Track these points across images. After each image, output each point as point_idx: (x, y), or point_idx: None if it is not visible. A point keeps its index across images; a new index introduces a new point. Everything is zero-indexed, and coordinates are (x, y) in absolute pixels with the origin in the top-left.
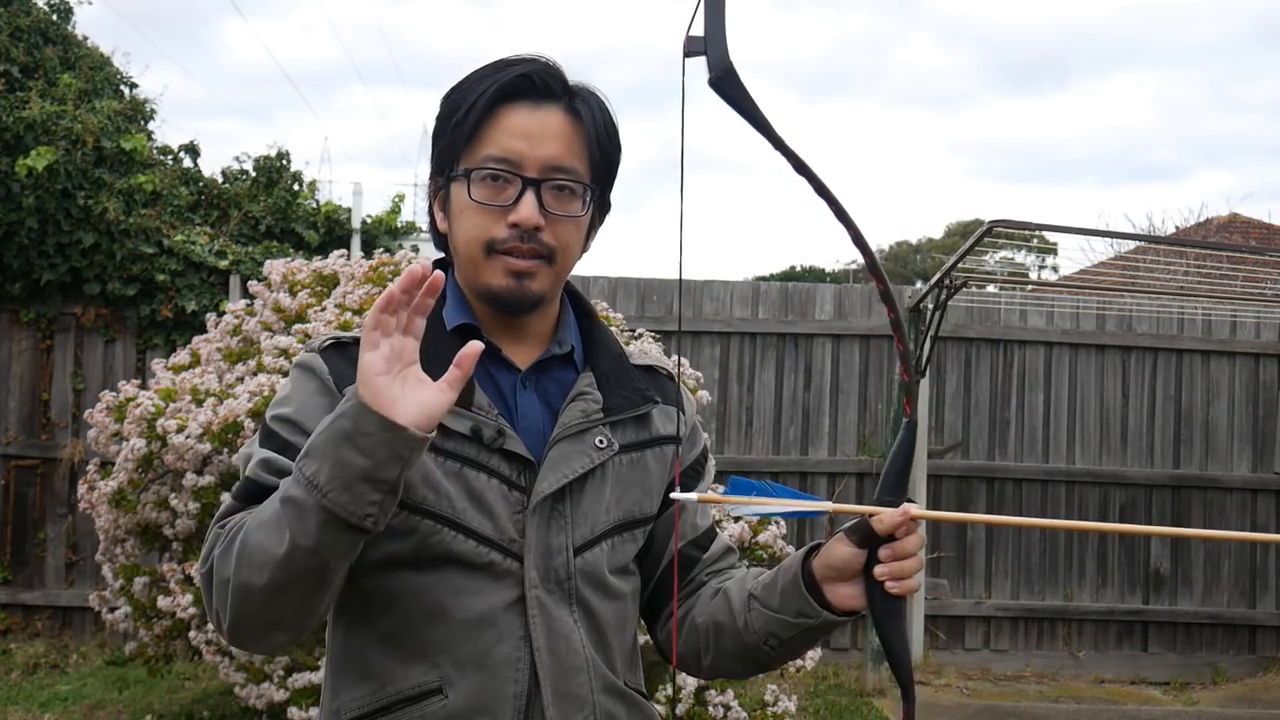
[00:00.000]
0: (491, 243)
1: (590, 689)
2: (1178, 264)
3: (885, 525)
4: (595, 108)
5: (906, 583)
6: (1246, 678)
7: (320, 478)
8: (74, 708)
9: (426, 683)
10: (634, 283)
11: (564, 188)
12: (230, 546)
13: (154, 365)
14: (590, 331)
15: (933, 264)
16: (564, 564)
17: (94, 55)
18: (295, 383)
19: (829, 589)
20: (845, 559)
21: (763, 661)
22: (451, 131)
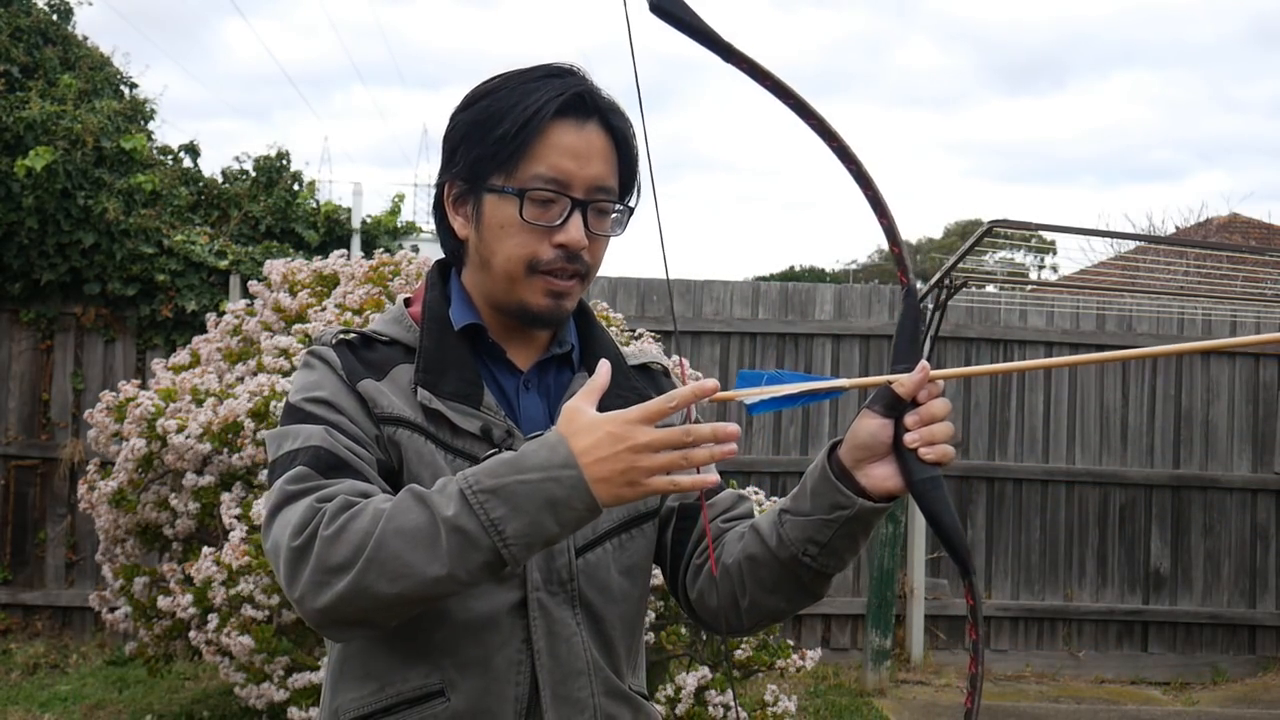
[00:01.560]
0: (536, 263)
1: (592, 692)
2: (1178, 264)
3: (908, 388)
4: (627, 125)
5: (940, 448)
6: (1246, 678)
7: (507, 527)
8: (74, 708)
9: (428, 684)
10: (634, 283)
11: (604, 209)
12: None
13: (154, 365)
14: (588, 331)
15: (933, 264)
16: (566, 565)
17: (94, 55)
18: (320, 372)
19: (861, 474)
20: (873, 431)
21: (804, 580)
22: (495, 143)
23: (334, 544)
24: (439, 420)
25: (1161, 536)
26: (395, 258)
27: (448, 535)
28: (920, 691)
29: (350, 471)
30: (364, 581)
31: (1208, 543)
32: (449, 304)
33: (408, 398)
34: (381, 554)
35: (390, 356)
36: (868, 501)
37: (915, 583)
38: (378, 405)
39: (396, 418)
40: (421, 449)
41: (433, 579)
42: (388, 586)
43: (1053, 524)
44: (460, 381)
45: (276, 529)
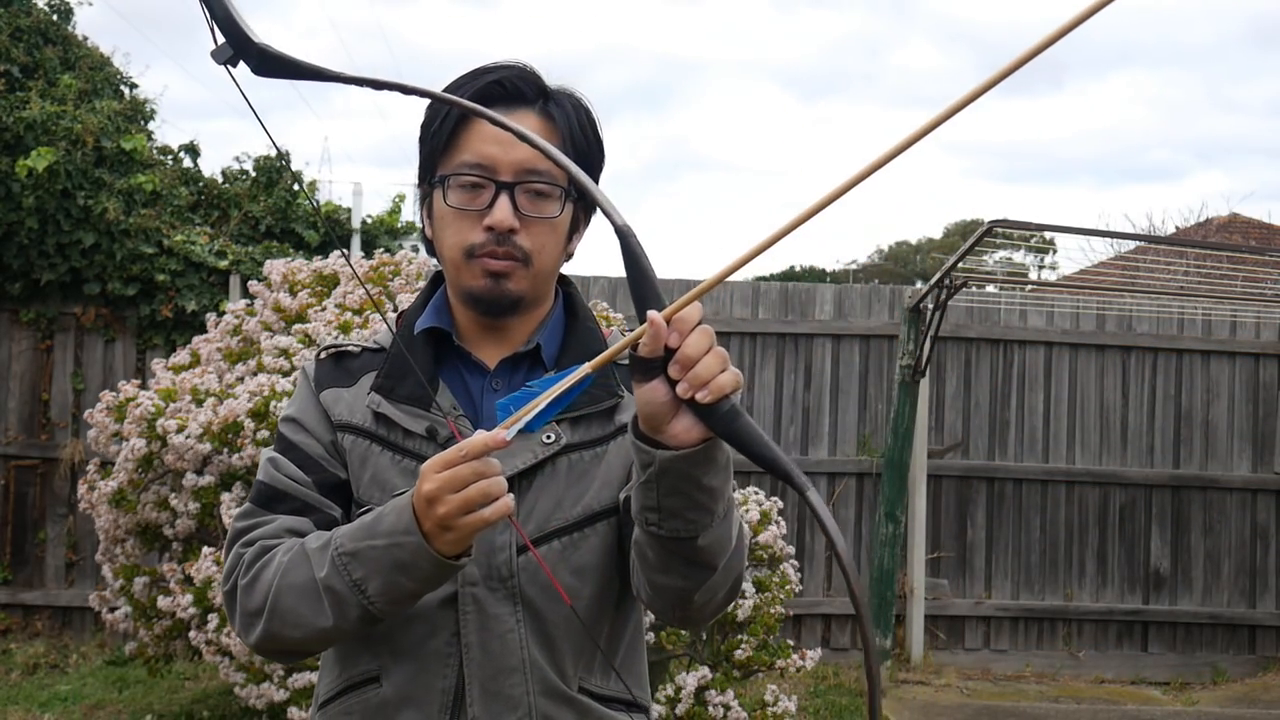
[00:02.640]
0: (470, 248)
1: (527, 690)
2: (1178, 264)
3: (648, 345)
4: (571, 110)
5: (715, 383)
6: (1246, 678)
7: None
8: (74, 708)
9: (369, 670)
10: None
11: (539, 191)
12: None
13: (154, 365)
14: (573, 330)
15: (933, 264)
16: (506, 561)
17: (94, 55)
18: (298, 387)
19: (663, 435)
20: (646, 399)
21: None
22: (430, 139)
23: (249, 593)
24: (389, 424)
25: (1161, 536)
26: (395, 258)
27: (324, 593)
28: (920, 691)
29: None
30: (272, 628)
31: (1208, 543)
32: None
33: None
34: (280, 606)
35: (367, 364)
36: (667, 451)
37: (915, 583)
38: (332, 412)
39: (345, 424)
40: (365, 453)
41: (323, 630)
42: (292, 632)
43: (1053, 524)
44: (415, 384)
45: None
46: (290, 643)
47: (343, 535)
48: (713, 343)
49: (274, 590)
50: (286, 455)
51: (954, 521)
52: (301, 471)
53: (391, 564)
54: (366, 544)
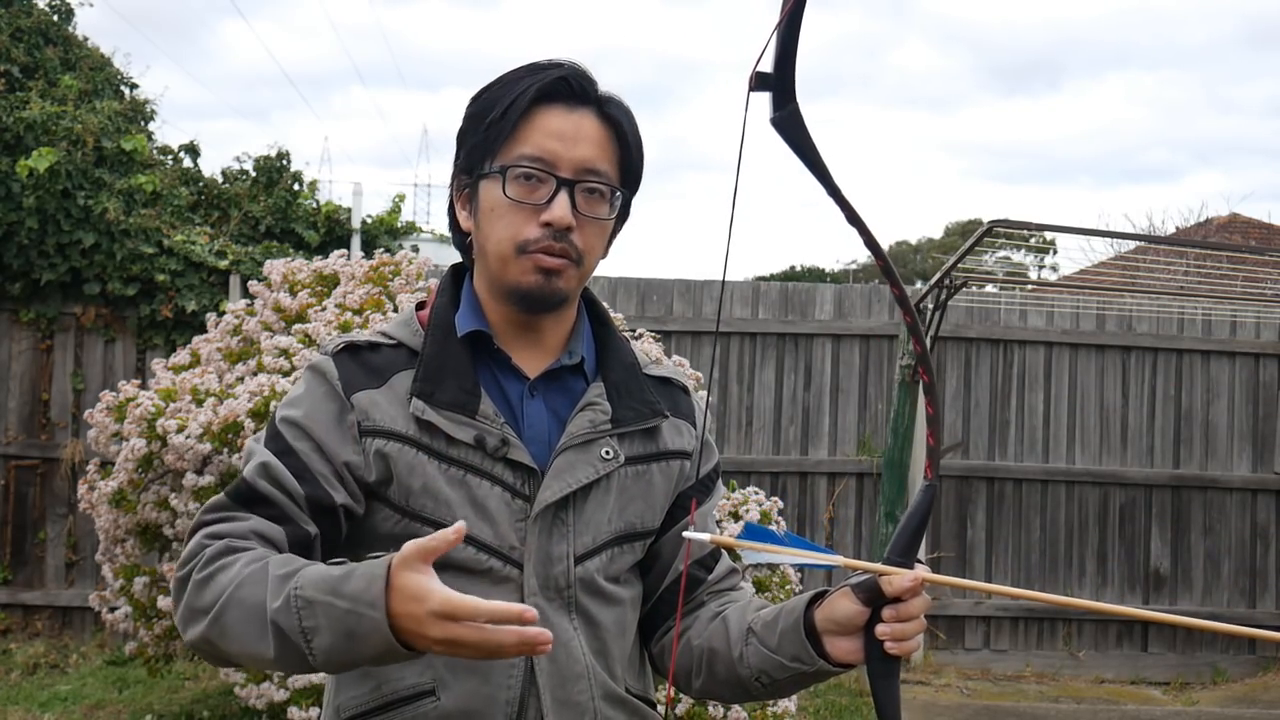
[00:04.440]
0: (524, 243)
1: (591, 696)
2: (1178, 264)
3: (895, 588)
4: (626, 115)
5: (906, 644)
6: (1246, 678)
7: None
8: (74, 708)
9: (421, 684)
10: (634, 283)
11: (595, 190)
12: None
13: (154, 365)
14: (605, 340)
15: (932, 264)
16: (564, 572)
17: (94, 56)
18: (307, 385)
19: (828, 640)
20: (849, 615)
21: (752, 693)
22: (485, 130)
23: (200, 590)
24: (433, 431)
25: (1161, 536)
26: (395, 257)
27: (270, 625)
28: (920, 691)
29: (264, 507)
30: (212, 634)
31: (1208, 543)
32: (457, 308)
33: (403, 407)
34: (225, 617)
35: (394, 361)
36: (827, 665)
37: None
38: (369, 418)
39: (387, 430)
40: (412, 461)
41: (260, 654)
42: (229, 646)
43: (1053, 524)
44: (457, 390)
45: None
46: (227, 655)
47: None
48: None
49: (225, 599)
50: (282, 460)
51: (954, 521)
52: (295, 481)
53: (345, 630)
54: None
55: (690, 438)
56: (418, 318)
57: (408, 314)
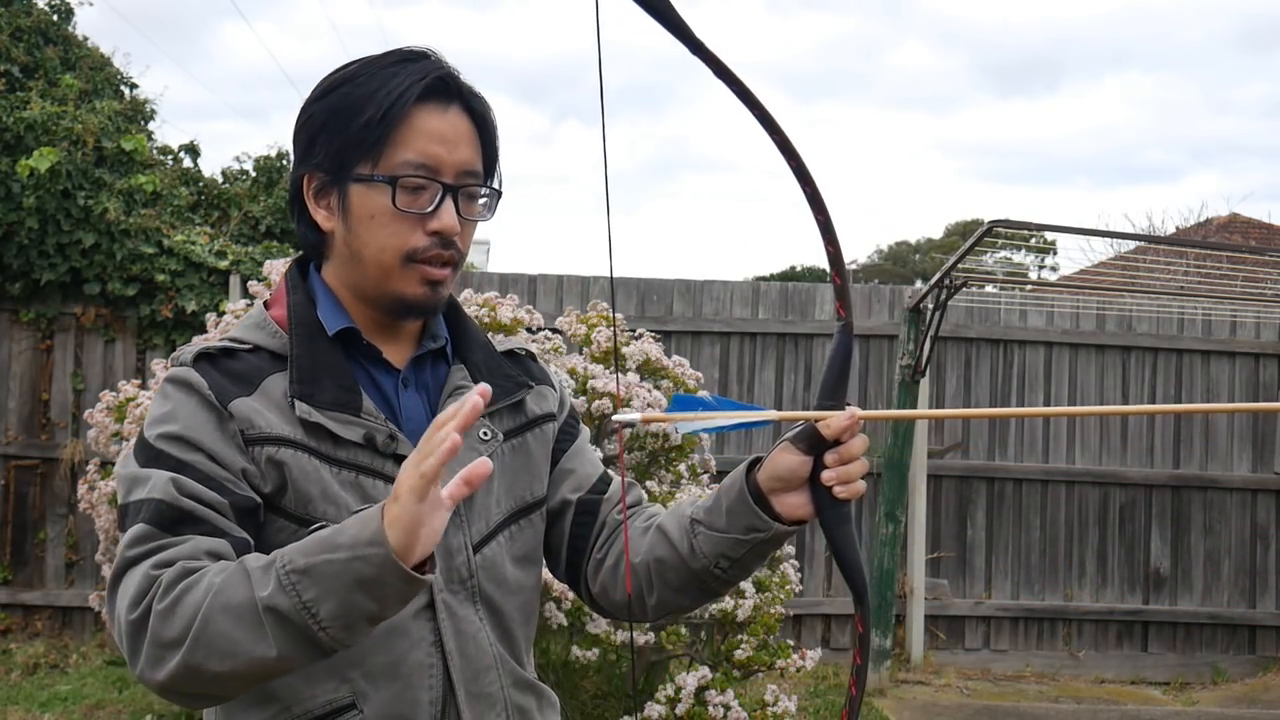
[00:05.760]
0: (412, 252)
1: (501, 685)
2: (1178, 264)
3: (833, 429)
4: (486, 109)
5: (853, 486)
6: (1246, 678)
7: (320, 610)
8: (74, 708)
9: (338, 699)
10: (634, 283)
11: (473, 193)
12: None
13: (154, 365)
14: (458, 323)
15: (932, 264)
16: (464, 563)
17: (94, 56)
18: (174, 399)
19: (776, 500)
20: (792, 467)
21: (712, 586)
22: (361, 130)
23: (167, 618)
24: (320, 433)
25: (1161, 536)
26: None
27: (265, 615)
28: (920, 691)
29: (195, 525)
30: (194, 659)
31: (1208, 543)
32: (315, 305)
33: (284, 412)
34: (209, 631)
35: (257, 367)
36: (781, 525)
37: (915, 583)
38: (253, 425)
39: (275, 437)
40: (305, 466)
41: (261, 659)
42: (218, 664)
43: (1053, 524)
44: (337, 389)
45: (118, 600)
46: (210, 678)
47: (291, 551)
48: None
49: (203, 613)
50: (184, 474)
51: (954, 521)
52: (210, 492)
53: (352, 580)
54: (322, 559)
55: (552, 400)
56: (272, 318)
57: (258, 316)
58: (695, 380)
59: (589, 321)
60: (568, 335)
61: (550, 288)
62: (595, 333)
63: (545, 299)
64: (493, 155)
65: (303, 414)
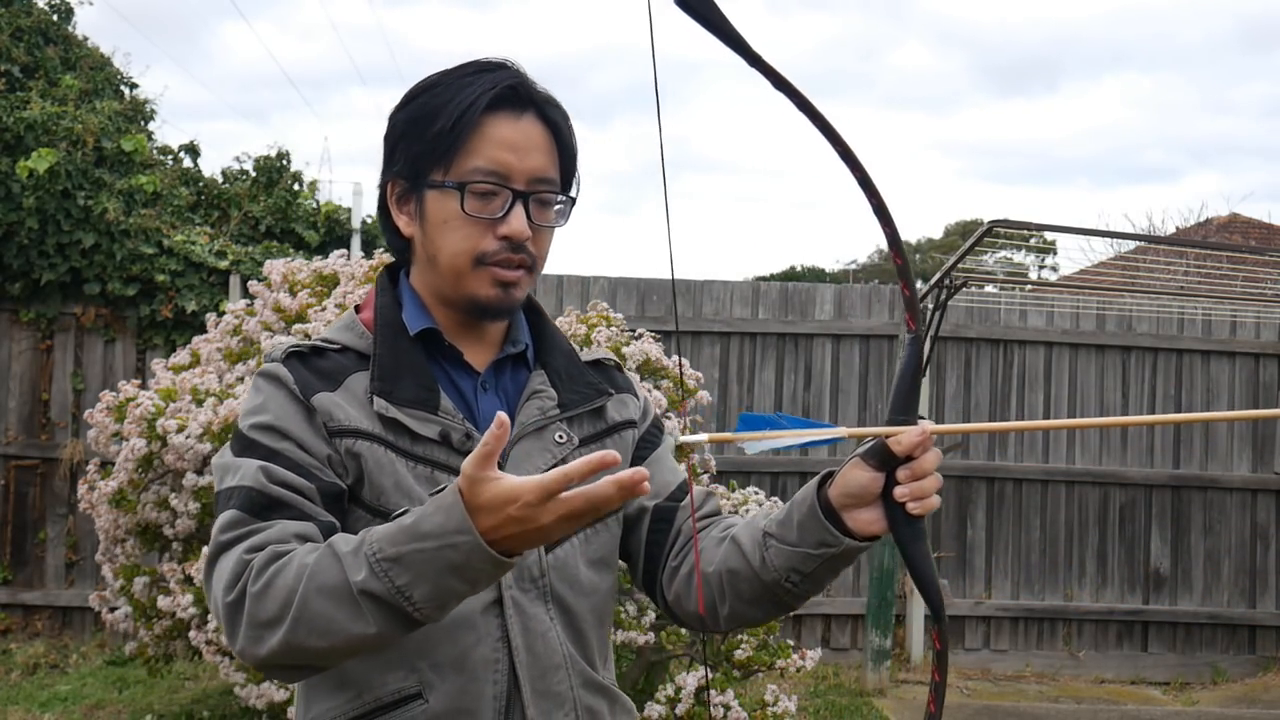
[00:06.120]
0: (481, 255)
1: (570, 685)
2: (1178, 264)
3: (904, 446)
4: (564, 117)
5: (927, 502)
6: (1246, 678)
7: (414, 593)
8: (74, 708)
9: (406, 688)
10: (634, 282)
11: (546, 200)
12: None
13: (154, 365)
14: (542, 329)
15: (932, 264)
16: (536, 561)
17: (94, 56)
18: (265, 392)
19: (848, 516)
20: (863, 484)
21: (783, 600)
22: (434, 138)
23: (262, 599)
24: (397, 428)
25: (1161, 536)
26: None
27: (361, 598)
28: (920, 691)
29: (284, 510)
30: (295, 638)
31: (1208, 543)
32: (401, 308)
33: (364, 407)
34: (307, 612)
35: (343, 365)
36: (853, 541)
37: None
38: (333, 419)
39: (354, 429)
40: (381, 459)
41: (360, 636)
42: (319, 641)
43: (1053, 524)
44: (416, 387)
45: (214, 583)
46: (312, 654)
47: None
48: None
49: (300, 595)
50: (274, 462)
51: (954, 521)
52: (299, 478)
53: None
54: (412, 547)
55: (634, 408)
56: (360, 320)
57: (348, 318)
58: (695, 380)
59: (589, 321)
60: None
61: (550, 288)
62: (595, 333)
63: (545, 299)
64: (570, 163)
65: (380, 409)
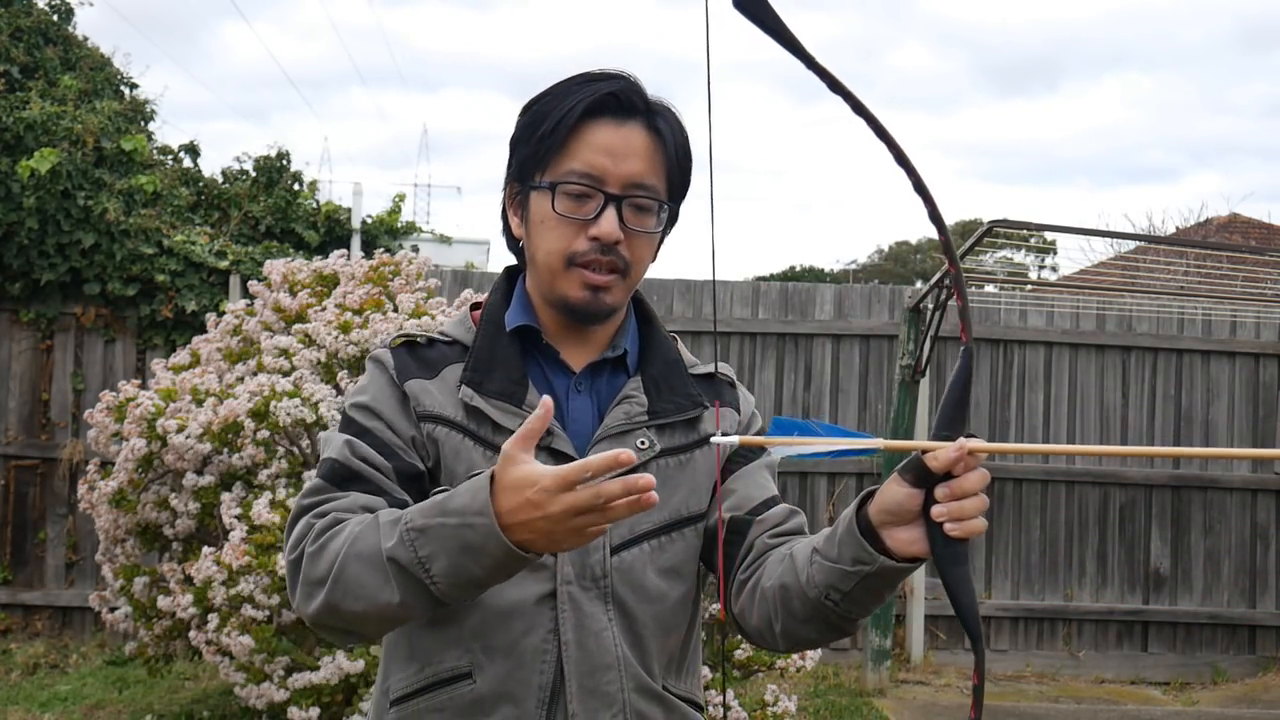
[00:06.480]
0: (572, 255)
1: (621, 687)
2: (1178, 264)
3: (941, 463)
4: (674, 126)
5: (969, 524)
6: (1246, 678)
7: (433, 566)
8: (74, 708)
9: (459, 666)
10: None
11: (643, 205)
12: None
13: (154, 365)
14: (649, 337)
15: (933, 264)
16: (600, 561)
17: (94, 56)
18: (370, 376)
19: (887, 534)
20: (899, 501)
21: (831, 620)
22: (536, 142)
23: (315, 560)
24: (480, 418)
25: (1161, 536)
26: (395, 257)
27: (389, 565)
28: (920, 691)
29: (361, 484)
30: (334, 598)
31: (1208, 543)
32: (508, 306)
33: (453, 396)
34: (345, 575)
35: (446, 355)
36: (890, 561)
37: (915, 582)
38: (420, 403)
39: (436, 415)
40: (459, 446)
41: (386, 603)
42: (353, 604)
43: (1053, 524)
44: (505, 381)
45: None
46: (350, 617)
47: (414, 511)
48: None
49: (341, 559)
50: (361, 439)
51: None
52: (380, 456)
53: (460, 545)
54: (437, 521)
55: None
56: (471, 317)
57: (463, 314)
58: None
59: None
60: None
61: None
62: None
63: None
64: (680, 174)
65: (465, 397)
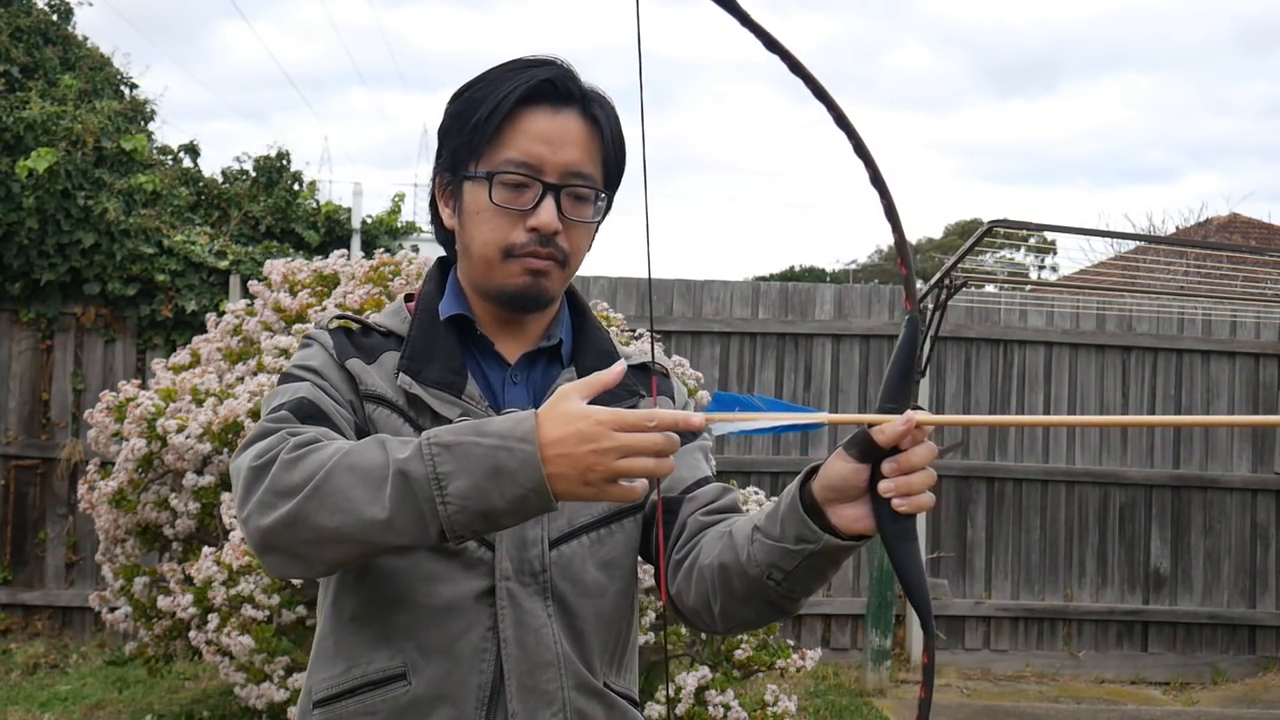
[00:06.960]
0: (510, 248)
1: (561, 685)
2: (1178, 264)
3: (887, 436)
4: (609, 114)
5: (916, 499)
6: (1246, 678)
7: (450, 484)
8: (74, 708)
9: (391, 667)
10: (634, 283)
11: (581, 194)
12: (301, 460)
13: (154, 365)
14: (582, 328)
15: (932, 264)
16: (539, 556)
17: (94, 56)
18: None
19: (832, 511)
20: (844, 476)
21: (772, 599)
22: (470, 131)
23: (290, 469)
24: (419, 406)
25: (1161, 536)
26: (395, 257)
27: (393, 478)
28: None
29: (327, 421)
30: (306, 509)
31: (1208, 543)
32: (442, 296)
33: (391, 381)
34: (328, 485)
35: (382, 344)
36: (834, 539)
37: None
38: (362, 383)
39: (378, 396)
40: (398, 428)
41: (369, 520)
42: (326, 519)
43: (1053, 524)
44: (444, 370)
45: (244, 455)
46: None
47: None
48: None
49: (329, 468)
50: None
51: (954, 521)
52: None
53: (490, 467)
54: (470, 439)
55: None
56: (406, 308)
57: (397, 304)
58: (695, 380)
59: None
60: None
61: None
62: None
63: None
64: (615, 162)
65: (404, 385)
